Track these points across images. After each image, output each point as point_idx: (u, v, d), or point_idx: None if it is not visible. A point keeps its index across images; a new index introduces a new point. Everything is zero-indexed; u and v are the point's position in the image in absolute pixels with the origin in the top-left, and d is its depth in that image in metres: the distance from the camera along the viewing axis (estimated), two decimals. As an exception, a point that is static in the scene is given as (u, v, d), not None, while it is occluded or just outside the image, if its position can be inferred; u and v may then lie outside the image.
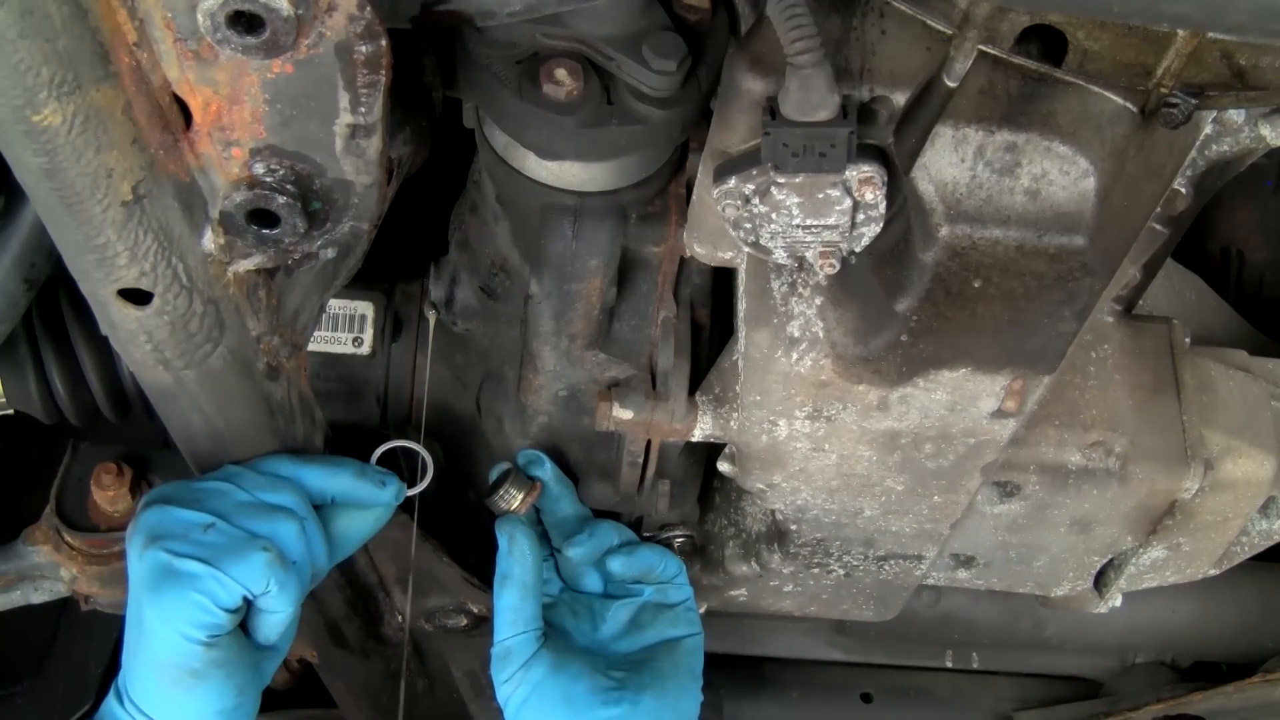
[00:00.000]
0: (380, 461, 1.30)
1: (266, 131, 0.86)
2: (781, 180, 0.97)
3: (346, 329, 1.51)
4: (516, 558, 1.36)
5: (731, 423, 1.32)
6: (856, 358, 1.17)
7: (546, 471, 1.42)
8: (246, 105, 0.84)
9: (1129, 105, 1.02)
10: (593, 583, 1.47)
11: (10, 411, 1.36)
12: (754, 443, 1.29)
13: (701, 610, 1.76)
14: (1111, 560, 1.59)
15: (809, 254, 1.05)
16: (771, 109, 0.95)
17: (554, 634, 1.39)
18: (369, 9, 0.79)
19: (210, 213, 0.91)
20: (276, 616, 1.12)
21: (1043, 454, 1.39)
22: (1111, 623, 1.90)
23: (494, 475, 1.41)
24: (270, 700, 1.81)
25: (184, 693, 1.07)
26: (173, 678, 1.07)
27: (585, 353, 1.35)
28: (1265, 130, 1.12)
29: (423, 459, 1.33)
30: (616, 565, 1.43)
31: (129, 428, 1.44)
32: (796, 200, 0.99)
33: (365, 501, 1.21)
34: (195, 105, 0.84)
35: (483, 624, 1.52)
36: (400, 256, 1.45)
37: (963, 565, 1.60)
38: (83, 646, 1.86)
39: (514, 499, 1.38)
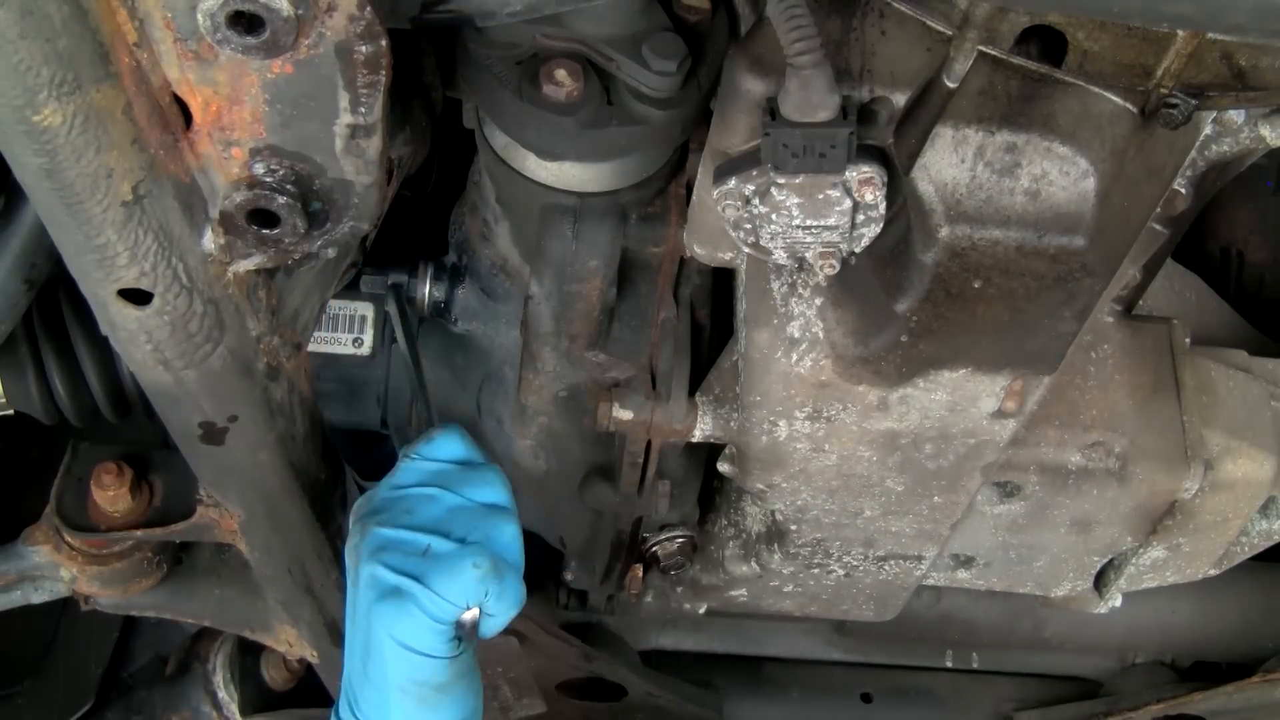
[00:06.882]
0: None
1: (266, 131, 0.86)
2: (781, 181, 0.97)
3: (346, 329, 1.51)
4: None
5: (731, 423, 1.32)
6: (856, 358, 1.17)
7: None
8: (246, 105, 0.83)
9: (1129, 106, 1.02)
10: None
11: (10, 411, 1.36)
12: (754, 443, 1.29)
13: (701, 610, 1.76)
14: (1111, 560, 1.59)
15: (809, 254, 1.05)
16: (771, 109, 0.95)
17: None
18: (369, 9, 0.79)
19: (210, 213, 0.91)
20: (497, 620, 1.07)
21: (1043, 454, 1.39)
22: (1111, 623, 1.90)
23: None
24: (270, 700, 1.83)
25: (430, 710, 1.04)
26: (418, 696, 1.04)
27: (585, 353, 1.35)
28: (1265, 130, 1.12)
29: None
30: None
31: (129, 428, 1.44)
32: (796, 201, 0.99)
33: None
34: (195, 105, 0.83)
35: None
36: (400, 256, 1.45)
37: (963, 565, 1.60)
38: (83, 646, 1.86)
39: None
